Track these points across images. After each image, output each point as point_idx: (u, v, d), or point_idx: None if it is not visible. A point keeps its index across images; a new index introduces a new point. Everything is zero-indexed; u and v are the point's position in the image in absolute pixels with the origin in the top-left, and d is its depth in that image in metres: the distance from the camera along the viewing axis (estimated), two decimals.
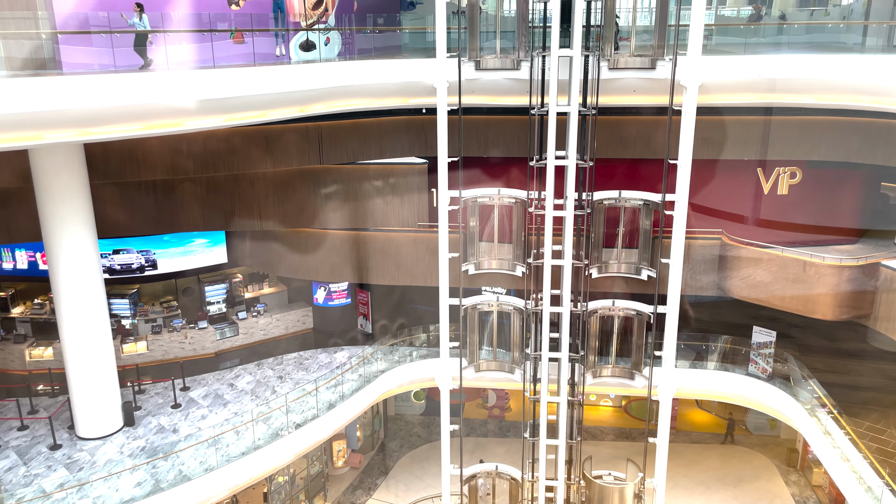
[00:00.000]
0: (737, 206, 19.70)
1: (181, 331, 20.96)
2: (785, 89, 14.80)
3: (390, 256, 20.96)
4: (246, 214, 20.57)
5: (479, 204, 16.38)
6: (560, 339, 15.71)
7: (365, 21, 19.94)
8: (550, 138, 14.41)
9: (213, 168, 18.97)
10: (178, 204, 19.97)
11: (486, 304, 16.93)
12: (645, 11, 16.14)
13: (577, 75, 14.15)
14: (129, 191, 19.24)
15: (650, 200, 15.76)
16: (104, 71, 13.03)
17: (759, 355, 18.34)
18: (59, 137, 12.21)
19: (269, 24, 16.22)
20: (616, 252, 16.62)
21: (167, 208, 19.92)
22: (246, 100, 14.06)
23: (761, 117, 18.36)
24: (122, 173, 18.18)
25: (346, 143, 19.80)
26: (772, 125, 18.35)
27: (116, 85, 12.48)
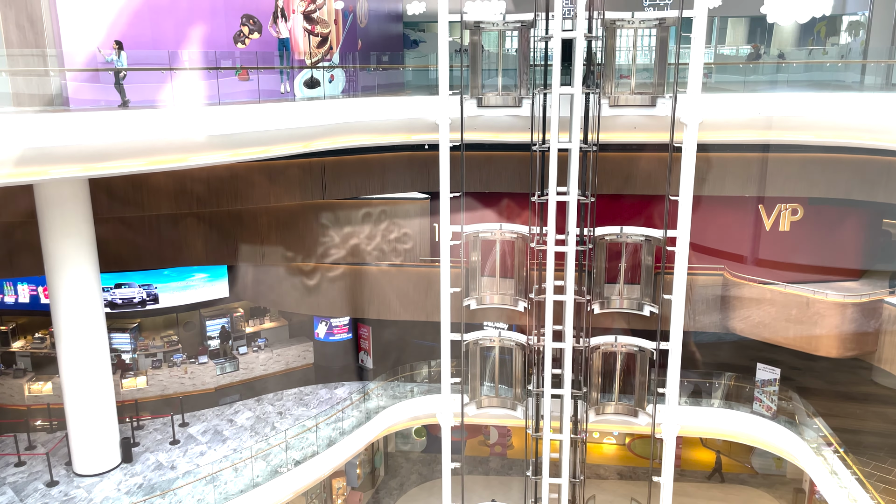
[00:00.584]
0: (738, 242, 19.72)
1: (181, 365, 20.84)
2: (784, 127, 14.93)
3: (392, 291, 20.94)
4: (248, 249, 20.63)
5: (480, 239, 16.41)
6: (562, 376, 15.60)
7: (369, 59, 20.25)
8: (552, 174, 14.50)
9: (217, 203, 19.08)
10: (181, 238, 20.04)
11: (487, 340, 16.85)
12: (645, 50, 16.37)
13: (578, 112, 14.29)
14: (132, 225, 19.33)
15: (651, 236, 15.78)
16: (110, 107, 13.18)
17: (764, 393, 18.17)
18: (65, 173, 12.29)
19: (274, 62, 16.46)
20: (618, 288, 16.59)
21: (170, 242, 19.98)
22: (250, 136, 14.20)
23: (761, 154, 18.47)
24: (125, 208, 18.28)
25: (349, 178, 19.94)
26: (772, 162, 18.46)
27: (122, 121, 12.62)
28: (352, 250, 20.83)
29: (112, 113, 12.80)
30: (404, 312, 21.02)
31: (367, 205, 20.75)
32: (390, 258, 21.05)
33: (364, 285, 21.06)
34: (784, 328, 18.44)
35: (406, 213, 20.98)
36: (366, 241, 20.88)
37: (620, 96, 14.97)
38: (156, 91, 13.96)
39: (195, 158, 13.57)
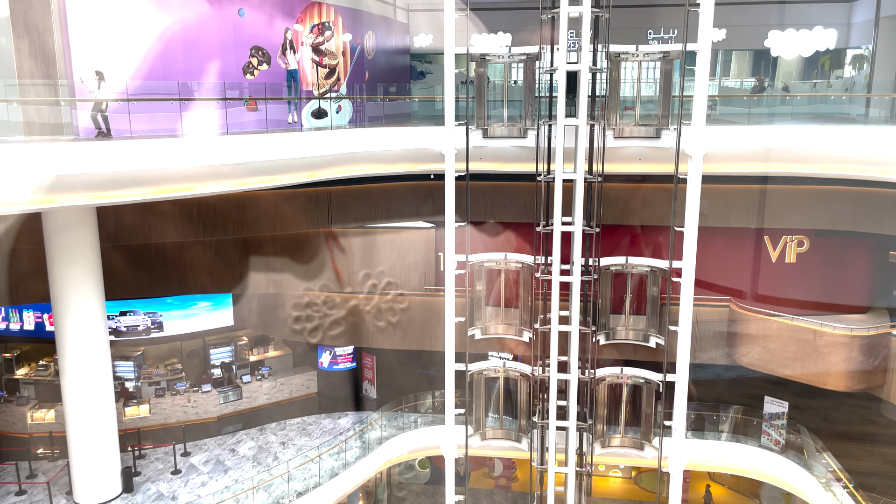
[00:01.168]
0: (744, 273, 19.65)
1: (184, 394, 20.75)
2: (789, 159, 14.97)
3: (397, 320, 20.89)
4: (254, 277, 20.66)
5: (485, 268, 16.41)
6: (568, 408, 15.46)
7: (376, 90, 20.47)
8: (557, 204, 14.54)
9: (223, 231, 19.17)
10: (187, 266, 20.10)
11: (492, 370, 16.75)
12: (649, 82, 16.51)
13: (583, 143, 14.37)
14: (138, 252, 19.41)
15: (657, 267, 15.75)
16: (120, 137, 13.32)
17: (772, 427, 17.95)
18: (73, 201, 12.39)
19: (283, 93, 16.65)
20: (623, 319, 16.51)
21: (176, 270, 20.03)
22: (258, 165, 14.31)
23: (766, 186, 18.50)
24: (132, 236, 18.38)
25: (355, 207, 20.03)
26: (777, 194, 18.48)
27: (130, 150, 12.74)
28: (356, 278, 20.84)
29: (120, 142, 12.93)
30: (408, 342, 20.94)
31: (372, 233, 20.81)
32: (395, 287, 21.04)
33: (368, 314, 21.02)
34: (791, 361, 18.28)
35: (411, 242, 21.02)
36: (371, 269, 20.89)
37: (625, 128, 15.07)
38: (165, 121, 14.12)
39: (203, 187, 13.67)
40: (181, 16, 14.93)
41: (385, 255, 20.98)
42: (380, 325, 21.02)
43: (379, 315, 20.97)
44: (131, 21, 14.23)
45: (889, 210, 17.62)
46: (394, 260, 21.02)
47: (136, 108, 13.64)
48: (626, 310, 16.44)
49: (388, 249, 20.97)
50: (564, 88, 14.09)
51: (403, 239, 20.96)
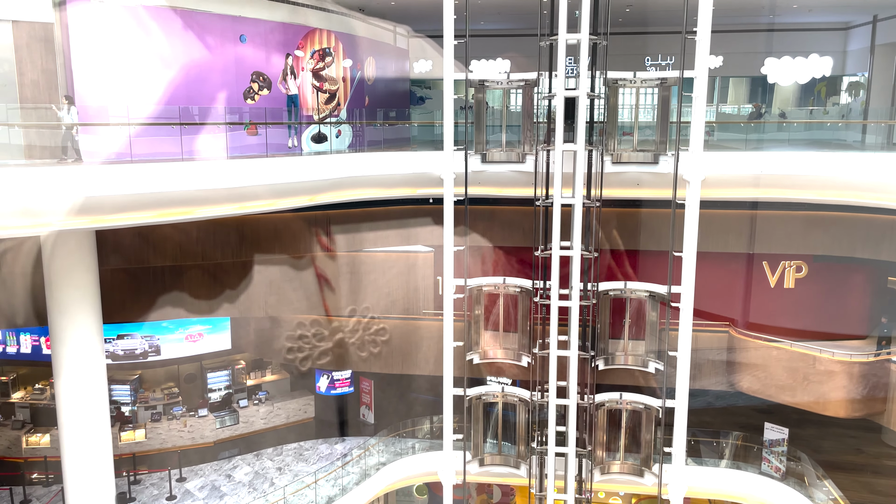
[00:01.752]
0: (743, 299, 19.64)
1: (181, 418, 20.60)
2: (786, 185, 15.04)
3: (395, 344, 20.82)
4: (252, 300, 20.61)
5: (484, 293, 16.39)
6: (567, 433, 15.35)
7: (375, 114, 20.63)
8: (555, 229, 14.57)
9: (222, 254, 19.18)
10: (186, 289, 20.06)
11: (491, 395, 16.66)
12: (647, 108, 16.64)
13: (581, 169, 14.44)
14: (137, 276, 19.39)
15: (656, 292, 15.73)
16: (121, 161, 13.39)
17: (772, 453, 17.81)
18: (72, 224, 12.41)
19: (283, 118, 16.76)
20: (623, 344, 16.46)
21: (174, 294, 19.99)
22: (258, 189, 14.36)
23: (764, 211, 18.56)
24: (131, 259, 18.37)
25: (354, 230, 20.06)
26: (775, 220, 18.53)
27: (130, 174, 12.79)
28: (356, 303, 20.80)
29: (119, 166, 13.00)
30: (407, 366, 20.85)
31: (371, 257, 20.82)
32: (394, 311, 21.00)
33: (367, 337, 20.95)
34: (790, 387, 18.21)
35: (410, 266, 21.02)
36: (369, 293, 20.86)
37: (623, 153, 15.15)
38: (166, 145, 14.20)
39: (202, 211, 13.70)
40: (183, 42, 15.09)
41: (383, 278, 20.96)
42: (377, 349, 20.95)
43: (377, 339, 20.91)
44: (133, 47, 14.38)
45: (886, 236, 17.67)
46: (392, 283, 21.00)
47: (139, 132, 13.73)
48: (625, 335, 16.39)
49: (387, 273, 20.95)
50: (563, 114, 14.19)
51: (402, 262, 20.96)
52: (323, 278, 20.64)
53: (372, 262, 20.83)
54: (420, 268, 21.06)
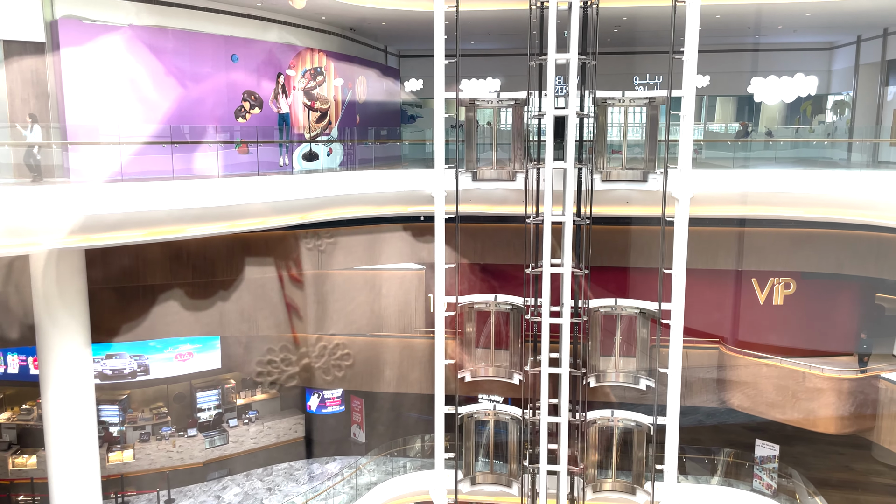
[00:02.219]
0: (732, 316, 19.73)
1: (169, 439, 20.42)
2: (773, 202, 15.19)
3: (386, 363, 20.75)
4: (242, 319, 20.53)
5: (475, 310, 16.39)
6: (559, 451, 15.30)
7: (367, 133, 20.72)
8: (546, 246, 14.62)
9: (212, 273, 19.11)
10: (175, 308, 19.95)
11: (482, 413, 16.59)
12: (636, 126, 16.80)
13: (571, 186, 14.53)
14: (126, 295, 19.28)
15: (646, 309, 15.79)
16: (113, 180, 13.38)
17: (764, 470, 17.82)
18: (61, 243, 12.37)
19: (274, 136, 16.82)
20: (614, 361, 16.48)
21: (163, 313, 19.87)
22: (249, 207, 14.37)
23: (752, 228, 18.72)
24: (120, 278, 18.28)
25: (345, 248, 20.06)
26: (763, 236, 18.68)
27: (120, 192, 12.78)
28: (346, 321, 20.75)
29: (110, 185, 12.98)
30: (398, 384, 20.78)
31: (362, 275, 20.80)
32: (385, 329, 20.95)
33: (358, 357, 20.88)
34: (780, 404, 18.26)
35: (401, 283, 21.01)
36: (360, 311, 20.82)
37: (612, 171, 15.26)
38: (156, 163, 14.21)
39: (192, 229, 13.68)
40: (174, 61, 15.15)
41: (375, 296, 20.94)
42: (368, 367, 20.88)
43: (367, 357, 20.84)
44: (124, 67, 14.42)
45: (873, 253, 17.84)
46: (383, 301, 20.98)
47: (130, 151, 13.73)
48: (615, 352, 16.41)
49: (378, 291, 20.94)
50: (552, 132, 14.30)
51: (393, 280, 20.95)
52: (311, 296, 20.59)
53: (363, 280, 20.81)
54: (411, 285, 21.05)
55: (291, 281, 20.42)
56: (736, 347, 19.13)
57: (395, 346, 20.74)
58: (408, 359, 20.64)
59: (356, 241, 20.14)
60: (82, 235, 12.44)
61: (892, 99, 20.59)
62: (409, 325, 21.04)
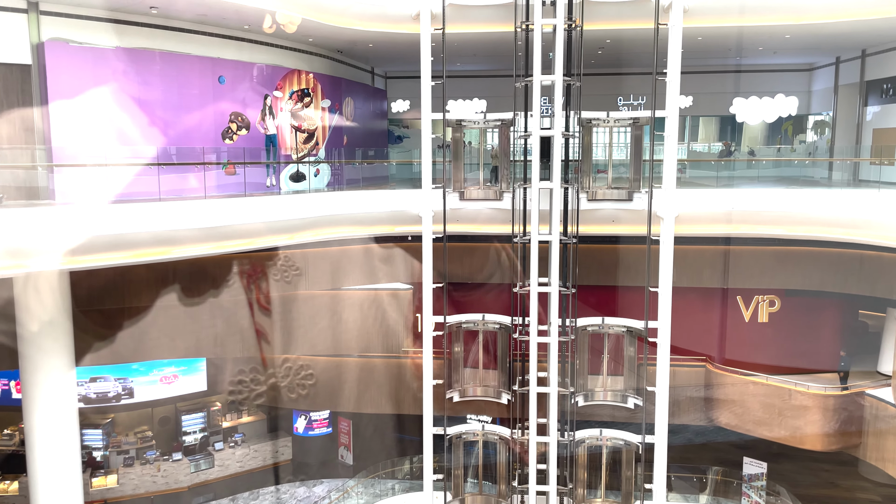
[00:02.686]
0: (718, 334, 19.84)
1: (154, 463, 20.15)
2: (757, 221, 15.36)
3: (374, 383, 20.65)
4: (229, 341, 20.37)
5: (463, 330, 16.39)
6: (548, 471, 15.26)
7: (354, 153, 20.80)
8: (533, 266, 14.68)
9: (199, 294, 18.99)
10: (161, 331, 19.78)
11: (471, 434, 16.53)
12: (621, 146, 16.98)
13: (558, 206, 14.64)
14: (111, 317, 19.10)
15: (633, 328, 15.85)
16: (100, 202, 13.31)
17: (752, 488, 17.84)
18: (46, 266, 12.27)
19: (261, 157, 16.84)
20: (602, 380, 16.50)
21: (149, 335, 19.69)
22: (235, 228, 14.34)
23: (737, 247, 18.89)
24: (105, 300, 18.11)
25: (332, 268, 20.02)
26: (747, 255, 18.86)
27: (105, 214, 12.72)
28: (334, 341, 20.65)
29: (94, 207, 12.92)
30: (386, 405, 20.66)
31: (349, 295, 20.75)
32: (373, 349, 20.87)
33: (345, 377, 20.77)
34: (768, 421, 18.32)
35: (389, 303, 20.97)
36: (347, 332, 20.74)
37: (598, 191, 15.40)
38: (142, 184, 14.17)
39: (179, 251, 13.62)
40: (161, 83, 15.17)
41: (362, 316, 20.88)
42: (356, 388, 20.76)
43: (354, 378, 20.73)
44: (110, 89, 14.43)
45: (855, 270, 18.04)
46: (370, 321, 20.91)
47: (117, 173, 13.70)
48: (603, 370, 16.44)
49: (366, 311, 20.88)
50: (538, 152, 14.44)
51: (381, 300, 20.91)
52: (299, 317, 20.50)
53: (351, 300, 20.75)
54: (398, 305, 21.02)
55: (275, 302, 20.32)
56: (722, 365, 19.22)
57: (383, 366, 20.64)
58: (395, 379, 20.55)
59: (343, 261, 20.10)
60: (67, 257, 12.34)
61: (872, 119, 20.96)
62: (396, 345, 20.98)
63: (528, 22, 14.51)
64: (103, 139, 14.27)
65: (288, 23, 15.91)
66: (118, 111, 14.56)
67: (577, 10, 14.49)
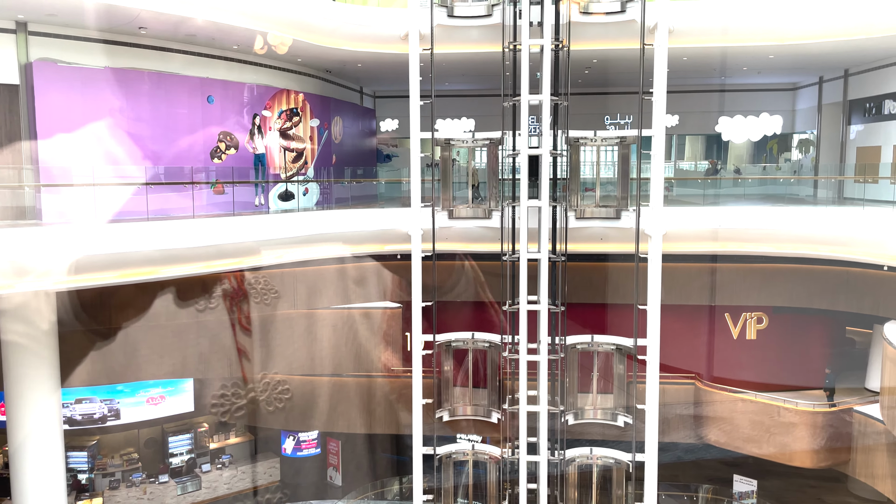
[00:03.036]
0: (707, 351, 19.89)
1: (140, 485, 19.89)
2: (743, 238, 15.48)
3: (363, 403, 20.51)
4: (217, 361, 20.22)
5: (453, 348, 16.35)
6: (538, 491, 15.17)
7: (343, 172, 20.82)
8: (522, 284, 14.70)
9: (186, 314, 18.85)
10: (148, 351, 19.61)
11: (461, 453, 16.43)
12: (608, 164, 17.10)
13: (546, 224, 14.69)
14: (98, 338, 18.92)
15: (622, 345, 15.87)
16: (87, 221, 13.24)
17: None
18: (32, 286, 12.17)
19: (250, 176, 16.84)
20: (591, 398, 16.48)
21: (135, 355, 19.51)
22: (223, 248, 14.29)
23: (724, 264, 19.00)
24: (92, 320, 17.94)
25: (321, 287, 19.95)
26: (735, 272, 18.96)
27: (92, 234, 12.65)
28: (322, 361, 20.54)
29: (83, 226, 12.86)
30: (375, 425, 20.52)
31: (338, 314, 20.67)
32: (362, 368, 20.77)
33: (334, 397, 20.62)
34: (757, 438, 18.33)
35: (378, 322, 20.91)
36: (337, 351, 20.64)
37: (586, 209, 15.48)
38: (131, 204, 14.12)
39: (167, 270, 13.56)
40: (150, 103, 15.18)
41: (351, 335, 20.79)
42: (344, 407, 20.61)
43: (343, 398, 20.59)
44: (99, 109, 14.41)
45: (842, 287, 18.18)
46: (361, 341, 20.83)
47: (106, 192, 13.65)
48: (593, 388, 16.43)
49: (355, 330, 20.80)
50: (527, 171, 14.52)
51: (370, 319, 20.84)
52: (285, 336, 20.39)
53: (340, 318, 20.68)
54: (388, 324, 20.95)
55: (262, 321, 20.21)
56: (711, 383, 19.25)
57: (372, 386, 20.53)
58: (385, 399, 20.44)
59: (332, 279, 20.05)
60: (54, 278, 12.25)
61: (855, 137, 21.24)
62: (385, 363, 20.88)
63: (516, 42, 14.65)
64: (91, 159, 14.22)
65: (279, 44, 15.99)
66: (106, 131, 14.53)
67: (564, 30, 14.66)
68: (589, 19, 14.86)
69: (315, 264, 18.89)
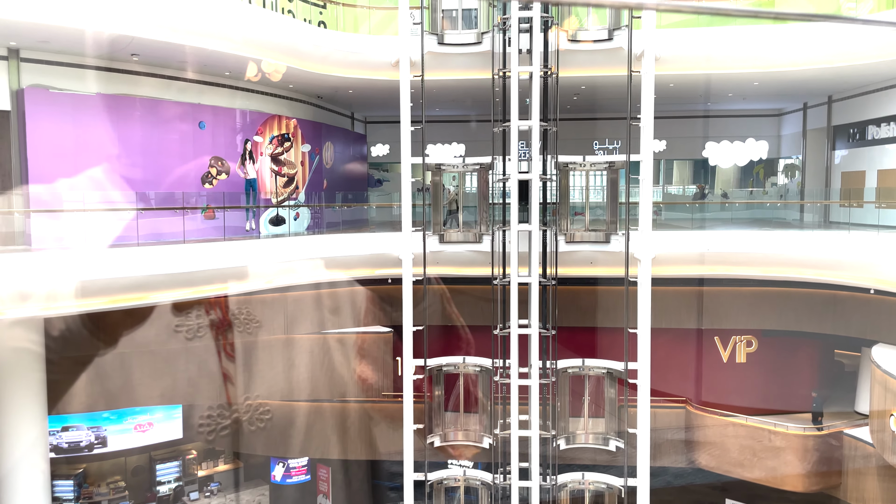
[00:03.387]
0: (697, 374, 19.92)
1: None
2: (731, 262, 15.63)
3: (353, 429, 20.36)
4: (206, 387, 20.05)
5: (444, 372, 16.32)
6: None
7: (334, 197, 20.89)
8: (513, 307, 14.75)
9: (175, 339, 18.73)
10: (136, 377, 19.43)
11: (452, 479, 16.33)
12: (597, 189, 17.26)
13: (536, 248, 14.79)
14: (85, 364, 18.74)
15: (613, 369, 15.90)
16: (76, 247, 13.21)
17: None
18: (21, 312, 12.10)
19: (241, 201, 16.86)
20: (583, 422, 16.45)
21: (122, 382, 19.33)
22: (214, 273, 14.28)
23: (712, 288, 19.11)
24: (79, 346, 17.80)
25: (311, 312, 19.90)
26: (723, 295, 19.06)
27: (82, 260, 12.62)
28: (313, 386, 20.40)
29: (73, 252, 12.83)
30: (366, 451, 20.35)
31: (329, 339, 20.59)
32: (352, 394, 20.64)
33: (324, 423, 20.46)
34: (748, 462, 18.30)
35: (368, 347, 20.83)
36: (327, 376, 20.52)
37: (576, 233, 15.60)
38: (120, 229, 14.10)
39: (157, 296, 13.52)
40: (141, 128, 15.23)
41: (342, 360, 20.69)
42: (335, 433, 20.44)
43: (332, 424, 20.43)
44: (90, 134, 14.45)
45: (829, 310, 18.29)
46: (351, 366, 20.72)
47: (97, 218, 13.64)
48: (584, 412, 16.41)
49: (346, 355, 20.70)
50: (517, 196, 14.64)
51: (361, 344, 20.76)
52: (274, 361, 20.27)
53: (330, 344, 20.58)
54: (379, 349, 20.87)
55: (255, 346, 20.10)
56: (702, 406, 19.25)
57: (362, 411, 20.40)
58: (376, 425, 20.29)
59: (322, 304, 20.00)
60: (42, 304, 12.19)
61: (840, 162, 21.54)
62: (376, 389, 20.76)
63: (506, 69, 14.86)
64: (81, 184, 14.23)
65: (273, 71, 16.13)
66: (97, 156, 14.56)
67: (553, 57, 14.88)
68: (577, 47, 15.10)
69: (303, 289, 18.86)
